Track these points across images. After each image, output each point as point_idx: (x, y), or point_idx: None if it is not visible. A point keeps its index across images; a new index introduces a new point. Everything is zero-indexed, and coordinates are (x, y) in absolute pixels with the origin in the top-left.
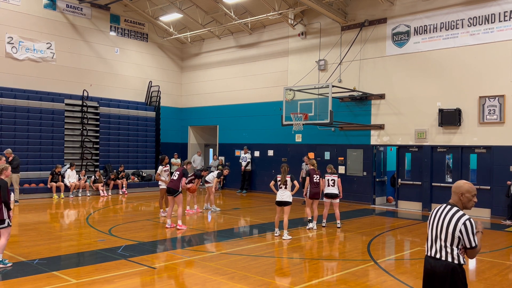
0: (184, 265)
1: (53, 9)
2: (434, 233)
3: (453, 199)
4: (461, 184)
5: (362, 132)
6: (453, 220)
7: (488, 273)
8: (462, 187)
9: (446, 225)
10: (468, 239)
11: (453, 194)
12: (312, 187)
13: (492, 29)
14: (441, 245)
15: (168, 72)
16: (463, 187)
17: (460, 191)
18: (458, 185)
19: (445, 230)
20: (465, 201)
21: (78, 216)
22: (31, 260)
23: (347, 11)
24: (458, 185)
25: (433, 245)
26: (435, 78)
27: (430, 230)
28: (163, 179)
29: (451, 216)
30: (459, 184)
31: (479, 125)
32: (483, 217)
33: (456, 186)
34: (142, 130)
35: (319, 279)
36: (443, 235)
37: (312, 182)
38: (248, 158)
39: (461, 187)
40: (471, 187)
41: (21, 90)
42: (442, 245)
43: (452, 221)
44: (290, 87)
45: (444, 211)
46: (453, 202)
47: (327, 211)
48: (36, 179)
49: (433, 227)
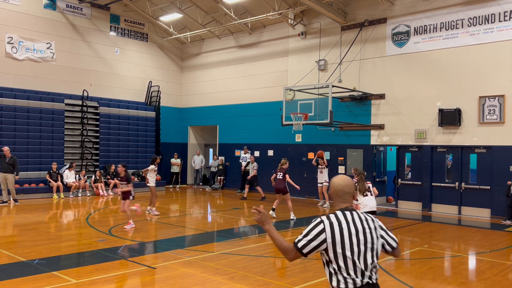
0: (184, 265)
1: (53, 9)
2: (362, 251)
3: (349, 202)
4: (351, 182)
5: (362, 132)
6: (371, 226)
7: (488, 273)
8: (353, 185)
9: (370, 236)
10: (391, 237)
11: (347, 194)
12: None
13: (492, 29)
14: (373, 264)
15: (168, 72)
16: (353, 185)
17: (352, 190)
18: (349, 183)
19: (370, 243)
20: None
21: (78, 216)
22: (31, 260)
23: (347, 11)
24: (350, 183)
25: (365, 269)
26: (435, 78)
27: (351, 250)
28: (150, 178)
29: (366, 222)
30: (349, 181)
31: (479, 125)
32: (483, 217)
33: (348, 185)
34: (142, 130)
35: (319, 279)
36: (373, 251)
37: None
38: (248, 158)
39: (353, 185)
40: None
41: (21, 90)
42: (375, 262)
43: (371, 228)
44: (290, 87)
45: (356, 220)
46: (350, 206)
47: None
48: (36, 179)
49: (356, 244)
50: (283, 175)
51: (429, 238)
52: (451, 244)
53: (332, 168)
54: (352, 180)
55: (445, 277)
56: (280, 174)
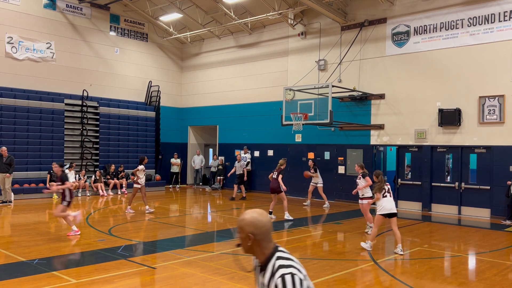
0: (184, 265)
1: (53, 9)
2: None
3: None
4: (263, 218)
5: (362, 132)
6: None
7: (488, 273)
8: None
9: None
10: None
11: (271, 230)
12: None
13: (492, 29)
14: None
15: (168, 72)
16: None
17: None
18: (269, 217)
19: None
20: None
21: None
22: (31, 260)
23: (347, 11)
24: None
25: None
26: (435, 78)
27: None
28: (139, 177)
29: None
30: (268, 216)
31: (479, 125)
32: (483, 217)
33: (270, 219)
34: (142, 130)
35: (319, 279)
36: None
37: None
38: (248, 158)
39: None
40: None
41: (21, 90)
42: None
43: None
44: (290, 87)
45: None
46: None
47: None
48: (35, 179)
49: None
50: (277, 175)
51: (429, 238)
52: (451, 244)
53: (332, 168)
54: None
55: (445, 277)
56: (275, 174)
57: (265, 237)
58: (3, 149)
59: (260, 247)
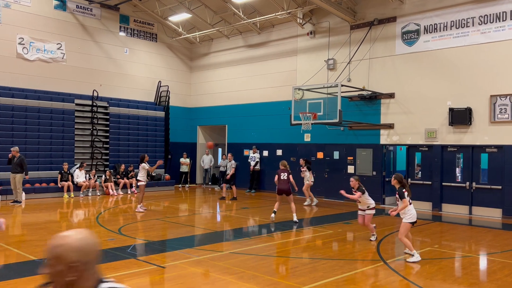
0: (193, 265)
1: (63, 10)
2: None
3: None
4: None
5: (371, 132)
6: None
7: (500, 273)
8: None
9: None
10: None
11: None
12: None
13: (503, 27)
14: None
15: (177, 72)
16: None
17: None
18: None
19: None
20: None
21: (88, 215)
22: (41, 259)
23: (356, 10)
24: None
25: None
26: (446, 77)
27: None
28: (142, 176)
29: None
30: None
31: (490, 124)
32: (494, 217)
33: (96, 243)
34: (152, 130)
35: (328, 279)
36: None
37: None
38: (257, 158)
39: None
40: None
41: (32, 91)
42: None
43: None
44: (299, 87)
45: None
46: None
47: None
48: (46, 178)
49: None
50: (287, 176)
51: (440, 238)
52: (461, 244)
53: (341, 168)
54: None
55: (456, 278)
56: (284, 175)
57: (92, 267)
58: (14, 149)
59: (84, 283)
